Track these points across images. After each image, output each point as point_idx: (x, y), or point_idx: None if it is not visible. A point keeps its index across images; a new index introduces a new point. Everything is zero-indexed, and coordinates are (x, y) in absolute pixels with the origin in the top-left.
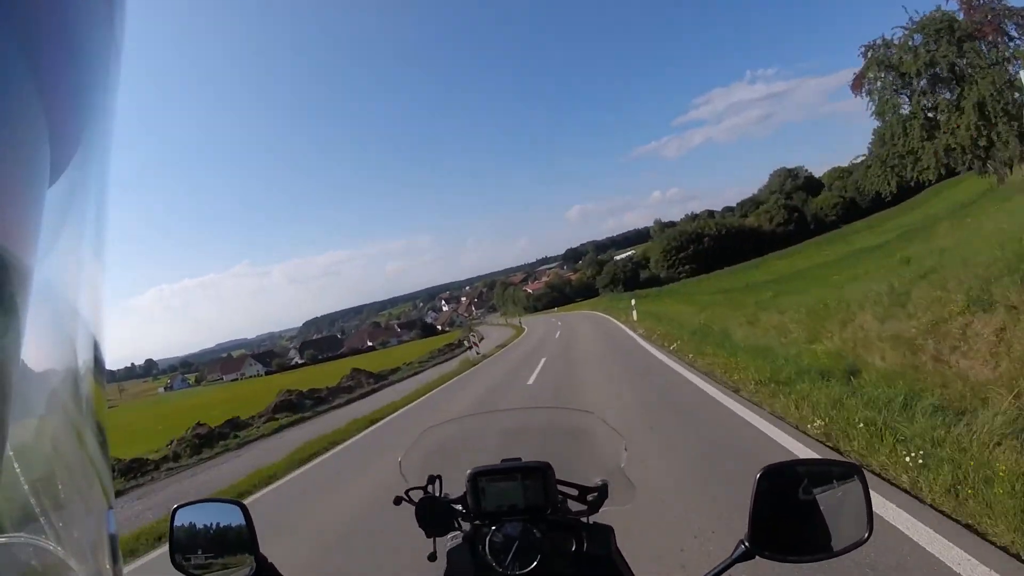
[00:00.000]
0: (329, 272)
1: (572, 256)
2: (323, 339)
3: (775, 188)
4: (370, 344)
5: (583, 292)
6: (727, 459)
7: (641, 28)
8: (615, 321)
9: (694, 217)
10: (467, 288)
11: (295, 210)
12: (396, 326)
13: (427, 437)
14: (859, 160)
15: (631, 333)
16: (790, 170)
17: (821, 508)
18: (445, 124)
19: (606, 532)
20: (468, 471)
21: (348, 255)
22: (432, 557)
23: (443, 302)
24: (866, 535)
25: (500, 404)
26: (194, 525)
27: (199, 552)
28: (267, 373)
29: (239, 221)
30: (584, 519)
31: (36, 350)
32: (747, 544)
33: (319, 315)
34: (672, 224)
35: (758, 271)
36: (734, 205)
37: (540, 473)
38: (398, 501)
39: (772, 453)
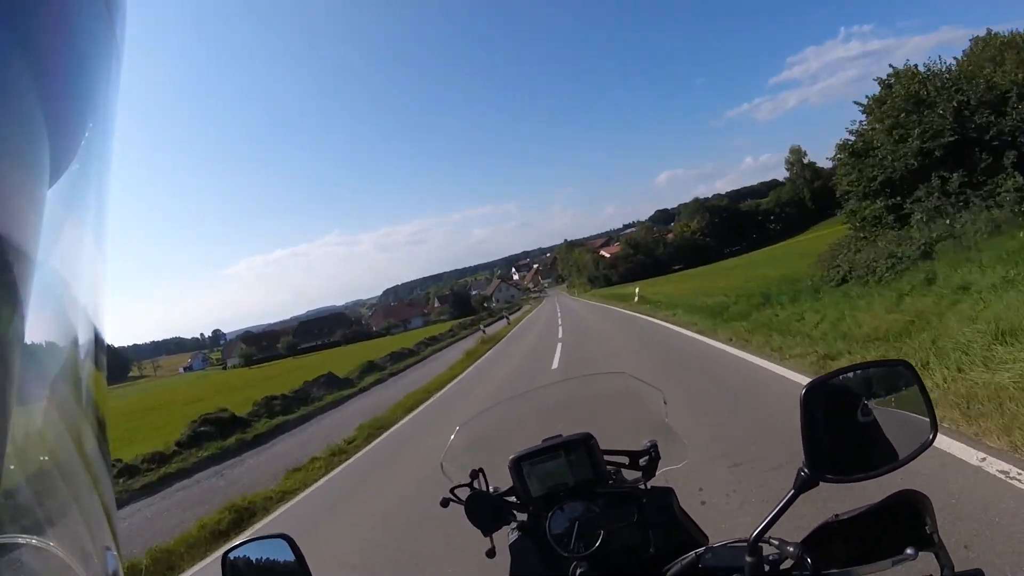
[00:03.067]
0: (415, 240)
1: (662, 218)
2: (325, 319)
3: None
4: (382, 327)
5: (687, 256)
6: None
7: None
8: None
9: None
10: (548, 255)
11: (384, 179)
12: (436, 300)
13: (463, 433)
14: None
15: None
16: None
17: (876, 416)
18: (530, 91)
19: (667, 494)
20: (509, 458)
21: (434, 222)
22: (491, 553)
23: (514, 271)
24: (931, 436)
25: None
26: (246, 567)
27: None
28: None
29: (329, 193)
30: (642, 485)
31: (38, 348)
32: (806, 471)
33: (400, 283)
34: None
35: None
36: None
37: (582, 446)
38: (445, 503)
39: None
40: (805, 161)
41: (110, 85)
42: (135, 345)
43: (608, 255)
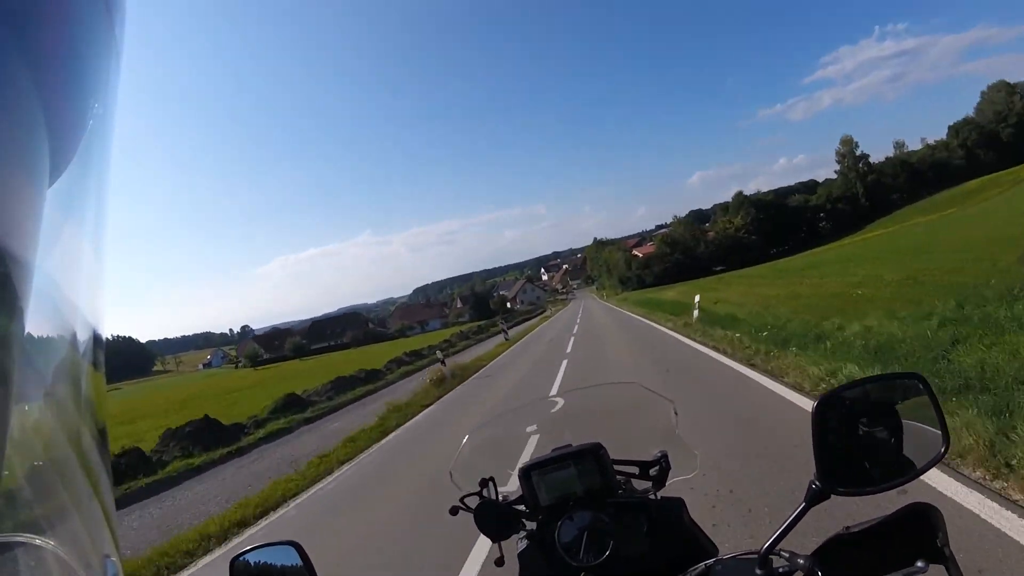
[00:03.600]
0: (446, 240)
1: (697, 218)
2: (339, 319)
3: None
4: (396, 329)
5: (730, 255)
6: None
7: None
8: None
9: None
10: (578, 256)
11: (416, 181)
12: (459, 301)
13: (472, 442)
14: None
15: None
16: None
17: (888, 428)
18: (560, 92)
19: (677, 505)
20: (519, 467)
21: (465, 223)
22: (500, 562)
23: (543, 271)
24: (943, 448)
25: None
26: (254, 573)
27: None
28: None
29: (362, 193)
30: (652, 495)
31: (37, 349)
32: (818, 483)
33: (429, 282)
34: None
35: None
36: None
37: (592, 455)
38: (455, 511)
39: None
40: (858, 152)
41: (109, 85)
42: (165, 339)
43: (641, 254)
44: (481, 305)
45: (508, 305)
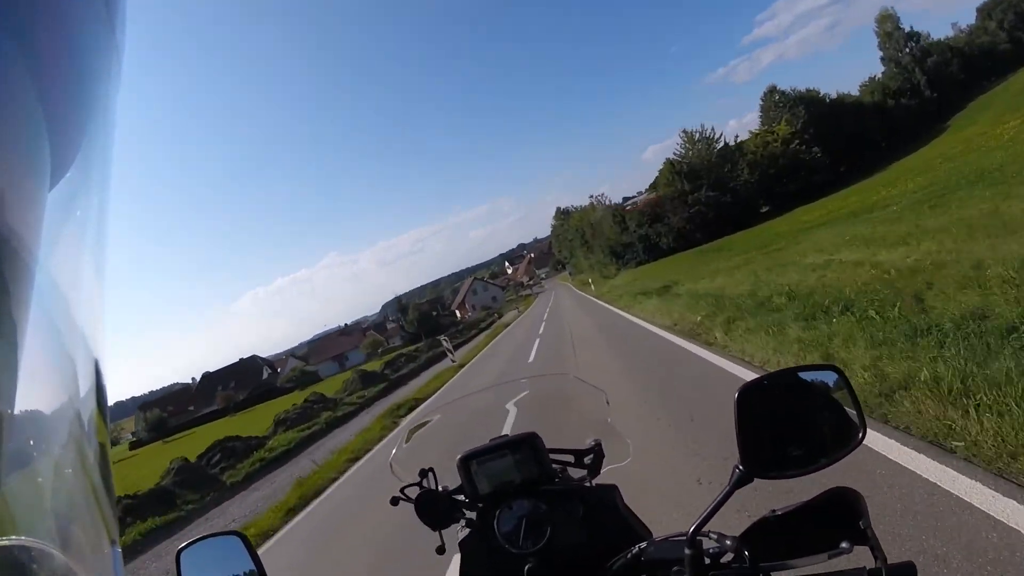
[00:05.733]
0: (415, 250)
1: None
2: (231, 371)
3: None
4: (289, 378)
5: (782, 181)
6: None
7: None
8: None
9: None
10: (546, 241)
11: (374, 195)
12: (394, 320)
13: (411, 435)
14: None
15: None
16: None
17: (808, 417)
18: (507, 87)
19: (611, 491)
20: (458, 457)
21: (432, 229)
22: (441, 550)
23: (507, 265)
24: (860, 436)
25: None
26: (201, 565)
27: None
28: None
29: (321, 216)
30: (587, 482)
31: (37, 353)
32: (741, 468)
33: (399, 293)
34: None
35: None
36: None
37: (528, 445)
38: (395, 501)
39: None
40: (908, 30)
41: (110, 87)
42: (120, 402)
43: (639, 207)
44: (425, 321)
45: (459, 314)
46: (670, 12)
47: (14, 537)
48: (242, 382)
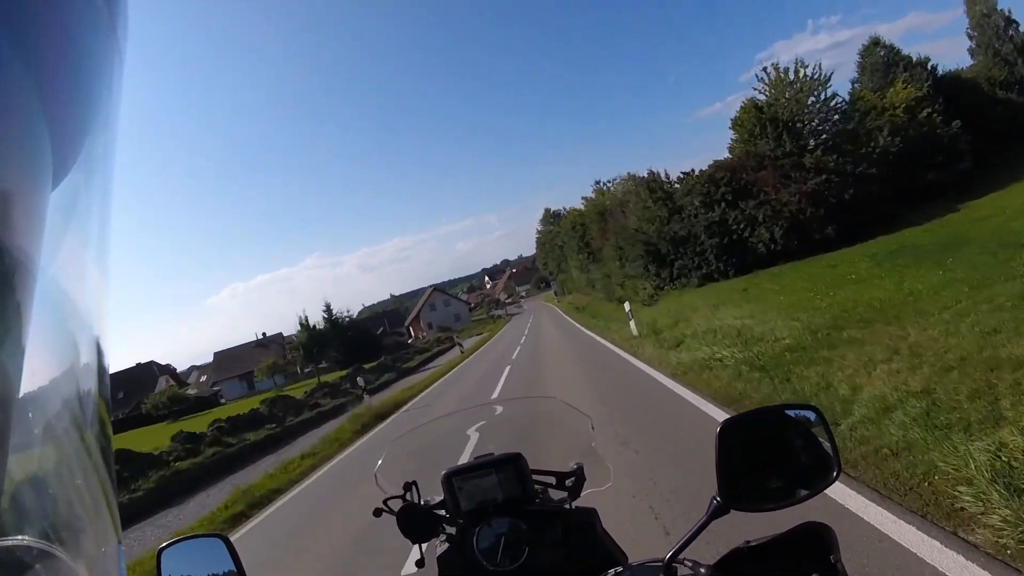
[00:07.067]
0: (399, 258)
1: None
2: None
3: None
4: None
5: (909, 166)
6: None
7: None
8: None
9: None
10: (528, 257)
11: (361, 201)
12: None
13: (397, 447)
14: None
15: None
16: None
17: (785, 454)
18: (501, 102)
19: (590, 515)
20: (442, 473)
21: (418, 239)
22: (420, 563)
23: (487, 279)
24: (834, 474)
25: None
26: (181, 564)
27: None
28: None
29: (307, 216)
30: (567, 505)
31: (40, 354)
32: (719, 499)
33: (376, 301)
34: None
35: None
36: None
37: (512, 465)
38: (378, 513)
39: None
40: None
41: (112, 88)
42: None
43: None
44: (361, 342)
45: (413, 333)
46: (669, 45)
47: (14, 537)
48: (132, 394)
